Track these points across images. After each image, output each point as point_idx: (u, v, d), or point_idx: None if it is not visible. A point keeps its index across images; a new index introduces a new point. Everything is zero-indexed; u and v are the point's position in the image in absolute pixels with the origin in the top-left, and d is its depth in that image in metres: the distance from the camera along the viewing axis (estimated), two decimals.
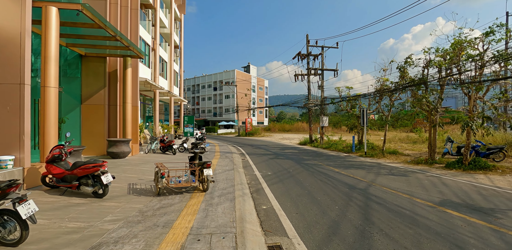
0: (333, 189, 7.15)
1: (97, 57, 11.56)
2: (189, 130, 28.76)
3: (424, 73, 13.98)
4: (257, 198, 6.23)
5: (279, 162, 12.94)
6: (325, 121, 21.99)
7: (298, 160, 13.49)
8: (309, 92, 24.30)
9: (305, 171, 10.14)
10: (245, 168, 11.05)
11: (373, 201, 6.01)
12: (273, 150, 19.08)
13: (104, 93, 11.60)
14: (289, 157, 15.12)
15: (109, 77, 11.90)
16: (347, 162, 12.96)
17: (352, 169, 10.88)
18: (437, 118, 13.04)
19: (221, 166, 10.51)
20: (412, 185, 7.75)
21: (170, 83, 23.83)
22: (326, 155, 16.33)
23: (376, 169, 10.84)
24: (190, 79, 71.55)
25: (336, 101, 20.25)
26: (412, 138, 24.75)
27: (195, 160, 6.93)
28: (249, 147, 22.01)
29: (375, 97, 18.56)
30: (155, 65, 19.12)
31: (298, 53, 24.23)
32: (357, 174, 9.53)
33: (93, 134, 11.47)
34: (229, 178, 8.11)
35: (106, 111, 11.68)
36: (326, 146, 20.78)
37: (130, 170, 8.63)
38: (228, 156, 14.44)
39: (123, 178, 7.40)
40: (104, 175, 5.29)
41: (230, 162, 11.82)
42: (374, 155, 15.47)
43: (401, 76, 16.39)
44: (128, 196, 5.71)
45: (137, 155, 12.31)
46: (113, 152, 10.43)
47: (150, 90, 18.61)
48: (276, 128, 54.41)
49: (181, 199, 5.61)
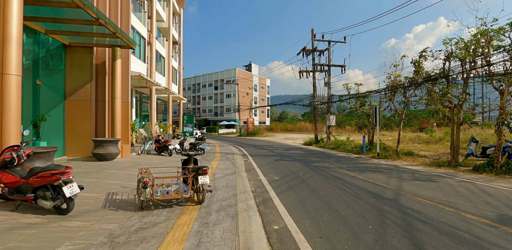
0: (357, 200, 5.90)
1: (83, 47, 10.35)
2: (188, 130, 27.58)
3: (445, 66, 12.70)
4: (265, 213, 4.99)
5: (286, 164, 11.69)
6: (332, 120, 20.72)
7: (306, 162, 12.24)
8: (315, 89, 23.04)
9: (317, 176, 8.89)
10: (248, 171, 9.81)
11: (413, 217, 4.75)
12: (277, 151, 17.83)
13: (91, 88, 10.38)
14: (296, 158, 13.86)
15: (97, 69, 10.68)
16: (361, 165, 11.70)
17: (368, 172, 9.62)
18: (461, 116, 11.75)
19: (221, 170, 9.27)
20: (448, 194, 6.48)
21: (168, 80, 22.62)
22: (335, 156, 15.07)
23: (396, 173, 9.58)
24: (190, 78, 70.39)
25: (345, 99, 18.97)
26: (423, 138, 23.45)
27: (189, 164, 5.69)
28: (251, 147, 20.76)
29: (387, 94, 17.30)
30: (151, 60, 17.91)
31: (303, 48, 22.97)
32: (377, 179, 8.27)
33: (78, 133, 10.26)
34: (230, 184, 6.86)
35: (93, 107, 10.46)
36: (334, 147, 19.51)
37: (114, 175, 7.39)
38: (229, 157, 13.20)
39: (103, 186, 6.16)
40: (68, 185, 4.06)
41: (232, 165, 10.59)
42: (388, 156, 14.20)
43: (416, 71, 15.16)
44: (102, 212, 4.47)
45: (128, 156, 11.08)
46: (99, 153, 9.20)
47: (146, 87, 17.41)
48: (278, 128, 53.13)
49: (168, 215, 4.37)
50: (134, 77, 13.84)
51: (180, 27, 28.15)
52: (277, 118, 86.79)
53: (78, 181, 6.46)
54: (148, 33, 17.86)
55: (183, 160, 5.93)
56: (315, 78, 22.88)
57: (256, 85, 65.51)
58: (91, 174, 7.36)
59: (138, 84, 16.36)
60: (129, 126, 11.21)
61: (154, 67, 18.11)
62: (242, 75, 59.16)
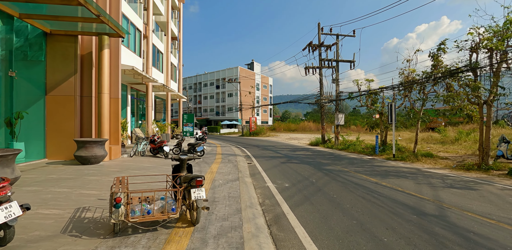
0: (394, 217, 4.65)
1: (66, 36, 9.16)
2: (188, 130, 26.39)
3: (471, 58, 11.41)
4: (280, 239, 3.75)
5: (294, 167, 10.45)
6: (341, 119, 19.45)
7: (317, 165, 10.99)
8: (321, 87, 21.77)
9: (333, 182, 7.64)
10: (253, 176, 8.58)
11: (483, 246, 3.50)
12: (283, 152, 16.59)
13: (76, 81, 9.19)
14: (304, 160, 12.62)
15: (82, 61, 9.49)
16: (378, 168, 10.44)
17: (391, 177, 8.37)
18: (491, 113, 10.46)
19: (222, 174, 8.05)
20: (502, 207, 5.23)
21: (166, 77, 21.43)
22: (346, 158, 13.80)
23: (423, 178, 8.32)
24: (192, 77, 69.27)
25: (355, 96, 17.69)
26: (436, 138, 22.11)
27: (181, 172, 4.48)
28: (254, 148, 19.53)
29: (401, 90, 16.02)
30: (147, 55, 16.72)
31: (309, 43, 21.70)
32: (405, 187, 7.02)
33: (61, 133, 9.07)
34: (233, 194, 5.64)
35: (78, 103, 9.27)
36: (343, 147, 18.24)
37: (94, 183, 6.18)
38: (231, 159, 11.98)
39: (74, 198, 4.95)
40: (2, 206, 2.84)
41: (234, 168, 9.36)
42: (405, 158, 12.93)
43: (434, 65, 13.88)
44: (58, 239, 3.26)
45: (118, 159, 9.87)
46: (81, 156, 7.99)
47: (142, 83, 16.22)
48: (281, 127, 51.85)
49: (149, 244, 3.16)
50: (128, 72, 12.66)
51: (179, 22, 26.96)
52: (280, 118, 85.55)
53: (45, 191, 5.26)
54: (144, 26, 16.67)
55: (174, 166, 4.72)
56: (321, 75, 21.62)
57: (259, 84, 64.25)
58: (65, 181, 6.14)
59: (133, 80, 15.18)
60: (119, 124, 10.01)
61: (151, 62, 16.91)
62: (244, 74, 57.93)
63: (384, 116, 16.30)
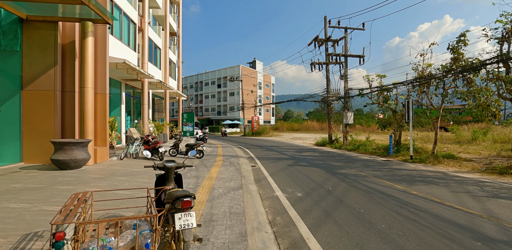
0: (451, 244, 3.48)
1: (45, 22, 8.04)
2: (188, 129, 25.32)
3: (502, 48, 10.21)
4: None
5: (304, 171, 9.28)
6: (350, 118, 18.24)
7: (329, 168, 9.83)
8: (328, 83, 20.57)
9: (354, 190, 6.47)
10: (259, 182, 7.43)
11: None
12: (289, 153, 15.43)
13: (56, 74, 8.07)
14: (313, 162, 11.45)
15: (64, 51, 8.37)
16: (399, 172, 9.26)
17: (418, 184, 7.19)
18: None
19: (223, 181, 6.90)
20: None
21: (165, 74, 20.31)
22: (359, 160, 12.62)
23: (455, 185, 7.13)
24: (192, 76, 68.20)
25: (365, 93, 16.48)
26: (450, 138, 20.86)
27: (166, 184, 3.35)
28: (258, 149, 18.37)
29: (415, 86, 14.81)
30: (143, 49, 15.60)
31: (315, 37, 20.51)
32: (442, 197, 5.84)
33: (40, 133, 7.96)
34: (236, 210, 4.49)
35: (59, 99, 8.15)
36: (352, 148, 17.04)
37: (63, 194, 5.03)
38: (233, 162, 10.84)
39: (27, 219, 3.80)
40: None
41: (236, 172, 8.22)
42: (424, 160, 11.74)
43: (454, 58, 12.68)
44: None
45: (105, 162, 8.74)
46: (59, 160, 6.87)
47: (138, 80, 15.11)
48: (284, 127, 50.68)
49: None
50: (120, 66, 11.55)
51: (179, 18, 25.83)
52: (282, 118, 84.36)
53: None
54: (140, 18, 15.55)
55: (157, 177, 3.58)
56: (328, 71, 20.42)
57: (261, 83, 63.07)
58: (28, 193, 5.01)
59: (127, 76, 14.07)
60: (107, 123, 8.88)
61: (147, 57, 15.78)
62: (246, 72, 56.76)
63: (398, 114, 15.09)
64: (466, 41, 12.54)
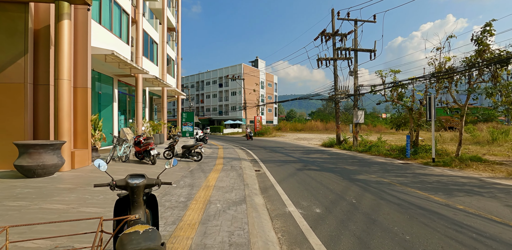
0: None
1: (13, 3, 6.85)
2: (188, 129, 24.13)
3: None
4: None
5: (317, 177, 8.03)
6: (361, 117, 16.96)
7: (344, 173, 8.57)
8: (336, 80, 19.30)
9: (384, 204, 5.21)
10: (266, 192, 6.19)
11: None
12: (295, 155, 14.17)
13: (26, 65, 6.87)
14: (324, 166, 10.20)
15: (36, 37, 7.18)
16: (426, 178, 7.98)
17: (458, 194, 5.92)
18: None
19: (222, 191, 5.66)
20: None
21: (162, 71, 19.11)
22: (374, 163, 11.35)
23: (503, 196, 5.87)
24: (194, 75, 67.07)
25: (378, 89, 15.19)
26: (466, 139, 19.48)
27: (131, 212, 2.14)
28: (261, 150, 17.13)
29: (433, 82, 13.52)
30: (137, 43, 14.41)
31: (322, 31, 19.26)
32: (500, 214, 4.59)
33: (6, 132, 6.77)
34: (238, 239, 3.25)
35: (30, 94, 6.95)
36: (363, 149, 15.76)
37: (11, 214, 3.81)
38: (235, 165, 9.61)
39: None
40: None
41: (238, 179, 6.98)
42: (449, 163, 10.46)
43: (480, 50, 11.43)
44: None
45: (85, 168, 7.51)
46: (23, 166, 5.66)
47: (132, 76, 13.93)
48: (287, 127, 49.37)
49: None
50: (110, 59, 10.37)
51: (178, 13, 24.65)
52: (285, 118, 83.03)
53: None
54: (133, 8, 14.36)
55: (118, 200, 2.36)
56: (336, 67, 19.15)
57: (263, 82, 61.81)
58: None
59: (119, 71, 12.89)
60: (89, 122, 7.67)
61: (141, 51, 14.59)
62: (248, 71, 55.55)
63: (415, 113, 13.79)
64: (492, 31, 11.30)
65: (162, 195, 5.23)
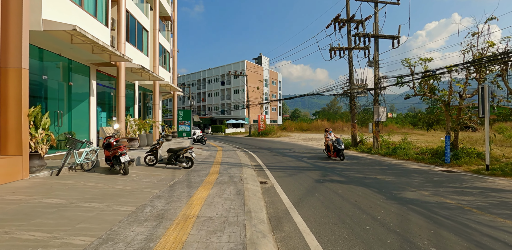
0: None
1: None
2: (185, 129, 21.76)
3: None
4: None
5: (347, 195, 5.67)
6: (382, 114, 14.55)
7: (382, 189, 6.21)
8: (351, 73, 16.90)
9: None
10: (278, 228, 3.85)
11: None
12: (307, 160, 11.80)
13: None
14: (349, 176, 7.84)
15: None
16: (502, 196, 5.59)
17: None
18: None
19: (207, 229, 3.33)
20: None
21: (153, 62, 16.83)
22: (410, 170, 8.97)
23: None
24: (195, 73, 64.87)
25: (405, 81, 12.74)
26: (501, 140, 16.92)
27: None
28: (266, 152, 14.80)
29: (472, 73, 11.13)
30: (118, 26, 12.15)
31: (335, 17, 16.82)
32: None
33: None
34: None
35: None
36: (386, 152, 13.36)
37: None
38: (234, 176, 7.28)
39: None
40: None
41: (236, 202, 4.66)
42: (508, 171, 8.06)
43: None
44: None
45: (15, 184, 5.23)
46: None
47: (113, 65, 11.69)
48: (292, 127, 46.97)
49: None
50: (79, 41, 8.18)
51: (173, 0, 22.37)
52: (290, 117, 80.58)
53: None
54: None
55: None
56: (351, 57, 16.75)
57: (267, 80, 59.40)
58: None
59: (96, 58, 10.66)
60: (24, 117, 5.41)
61: (124, 36, 12.30)
62: (252, 68, 53.19)
63: (454, 108, 11.35)
64: None
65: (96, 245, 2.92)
